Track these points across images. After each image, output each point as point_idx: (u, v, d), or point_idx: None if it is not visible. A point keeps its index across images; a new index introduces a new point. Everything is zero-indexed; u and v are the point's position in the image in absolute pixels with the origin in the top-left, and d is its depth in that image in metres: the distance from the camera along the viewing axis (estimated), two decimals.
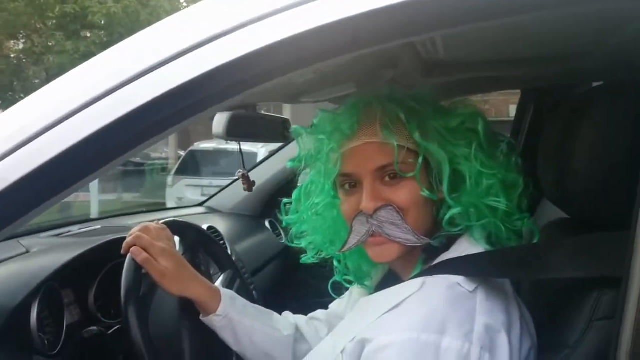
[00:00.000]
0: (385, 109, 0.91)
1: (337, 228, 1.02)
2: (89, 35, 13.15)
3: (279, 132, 1.57)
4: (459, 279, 0.84)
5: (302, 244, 1.07)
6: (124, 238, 1.07)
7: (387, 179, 0.91)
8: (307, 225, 1.05)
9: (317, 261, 1.08)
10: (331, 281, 1.10)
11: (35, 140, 0.73)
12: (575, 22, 1.03)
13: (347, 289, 1.16)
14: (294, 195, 1.07)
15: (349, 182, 0.94)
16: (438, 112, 0.93)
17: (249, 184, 1.52)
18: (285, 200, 1.10)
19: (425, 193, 0.89)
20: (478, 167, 0.90)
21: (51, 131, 0.73)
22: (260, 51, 0.70)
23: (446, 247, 0.92)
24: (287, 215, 1.09)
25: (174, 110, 0.73)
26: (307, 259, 1.08)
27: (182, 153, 11.43)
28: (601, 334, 0.78)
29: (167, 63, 0.72)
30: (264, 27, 0.71)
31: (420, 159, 0.89)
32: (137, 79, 0.73)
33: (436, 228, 0.93)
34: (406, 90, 0.96)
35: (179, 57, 0.72)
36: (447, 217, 0.90)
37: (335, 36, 0.71)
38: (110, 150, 0.74)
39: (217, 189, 2.65)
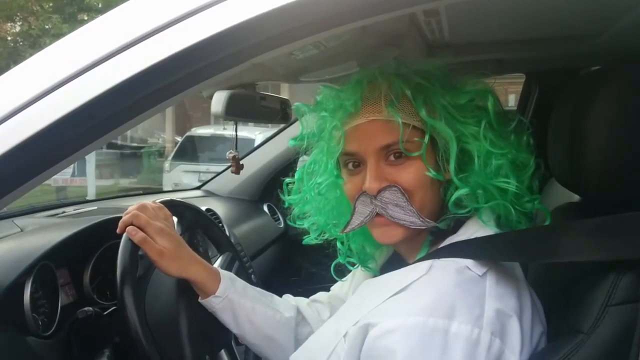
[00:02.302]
0: (390, 85, 0.88)
1: (341, 209, 1.00)
2: (86, 18, 13.07)
3: (278, 112, 1.54)
4: (468, 262, 0.82)
5: (305, 224, 1.05)
6: (121, 217, 1.04)
7: (391, 158, 0.88)
8: (310, 206, 1.03)
9: (320, 242, 1.05)
10: (334, 263, 1.08)
11: (16, 116, 0.71)
12: (582, 4, 1.00)
13: (350, 271, 1.14)
14: (296, 175, 1.04)
15: (352, 162, 0.92)
16: (446, 88, 0.90)
17: (237, 167, 1.49)
18: (287, 180, 1.07)
19: (432, 173, 0.87)
20: (487, 146, 0.87)
21: (29, 108, 0.71)
22: (261, 17, 0.67)
23: (454, 229, 0.90)
24: (289, 195, 1.06)
25: (166, 82, 0.71)
26: (309, 239, 1.06)
27: (179, 139, 11.40)
28: (618, 319, 0.75)
29: (164, 29, 0.70)
30: None
31: (427, 138, 0.86)
32: (123, 51, 0.71)
33: (443, 210, 0.91)
34: (413, 65, 0.93)
35: (178, 23, 0.70)
36: (453, 198, 0.87)
37: (336, 4, 0.68)
38: (100, 124, 0.71)
39: (213, 175, 2.62)
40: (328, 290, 1.24)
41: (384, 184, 0.87)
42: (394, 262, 1.00)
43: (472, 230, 0.88)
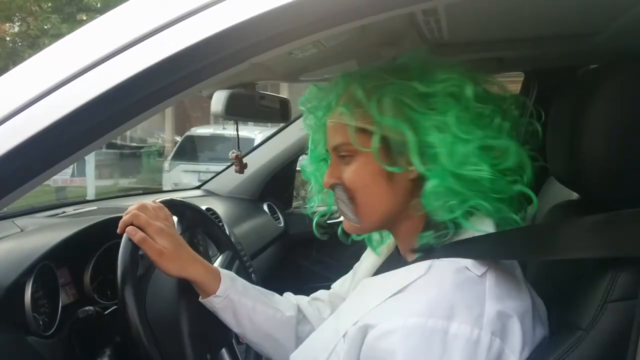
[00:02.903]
0: (346, 88, 0.91)
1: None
2: (84, 17, 13.07)
3: (277, 111, 1.54)
4: (467, 262, 0.81)
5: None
6: (121, 217, 1.05)
7: (342, 155, 0.92)
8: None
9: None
10: (315, 219, 1.11)
11: (16, 117, 0.71)
12: (582, 2, 1.00)
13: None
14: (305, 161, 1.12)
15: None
16: (413, 80, 0.87)
17: (241, 166, 1.50)
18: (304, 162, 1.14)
19: (389, 168, 0.87)
20: (449, 136, 0.84)
21: (30, 108, 0.71)
22: (260, 17, 0.68)
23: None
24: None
25: (166, 82, 0.71)
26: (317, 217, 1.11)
27: (179, 139, 11.40)
28: (616, 316, 0.75)
29: (163, 30, 0.70)
30: None
31: (377, 138, 0.87)
32: (122, 52, 0.71)
33: (425, 220, 0.90)
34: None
35: (177, 23, 0.70)
36: (425, 189, 0.85)
37: (336, 3, 0.69)
38: (95, 126, 0.71)
39: (213, 175, 2.62)
40: (328, 289, 1.24)
41: (332, 181, 0.93)
42: (394, 260, 1.00)
43: (471, 230, 0.88)
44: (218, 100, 1.31)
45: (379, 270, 1.02)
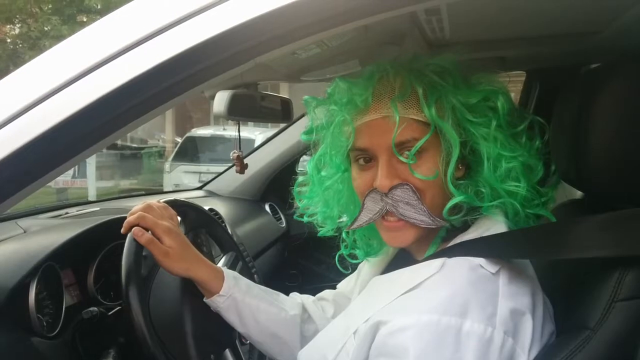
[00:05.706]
0: (403, 82, 0.86)
1: (347, 203, 0.99)
2: (85, 19, 13.08)
3: (279, 111, 1.54)
4: (481, 260, 0.81)
5: (318, 217, 1.04)
6: (124, 218, 1.05)
7: (405, 155, 0.85)
8: (318, 198, 1.02)
9: (335, 234, 1.04)
10: (337, 254, 1.06)
11: (16, 120, 0.71)
12: (584, 1, 1.00)
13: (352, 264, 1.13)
14: (307, 167, 1.03)
15: (363, 157, 0.90)
16: (459, 86, 0.87)
17: (242, 166, 1.50)
18: (299, 170, 1.08)
19: (450, 171, 0.85)
20: (497, 149, 0.85)
21: (31, 111, 0.71)
22: (265, 16, 0.68)
23: (464, 227, 0.89)
24: (299, 192, 1.06)
25: (170, 82, 0.71)
26: (324, 232, 1.04)
27: (179, 140, 11.41)
28: (624, 315, 0.75)
29: (168, 29, 0.70)
30: None
31: (453, 133, 0.85)
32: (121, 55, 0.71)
33: (455, 209, 0.88)
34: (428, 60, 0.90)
35: (182, 23, 0.70)
36: (448, 206, 0.86)
37: (339, 3, 0.69)
38: (97, 130, 0.71)
39: (214, 176, 2.62)
40: (331, 289, 1.24)
41: (395, 182, 0.85)
42: (402, 259, 0.99)
43: (483, 228, 0.88)
44: (220, 100, 1.31)
45: (388, 269, 1.01)
